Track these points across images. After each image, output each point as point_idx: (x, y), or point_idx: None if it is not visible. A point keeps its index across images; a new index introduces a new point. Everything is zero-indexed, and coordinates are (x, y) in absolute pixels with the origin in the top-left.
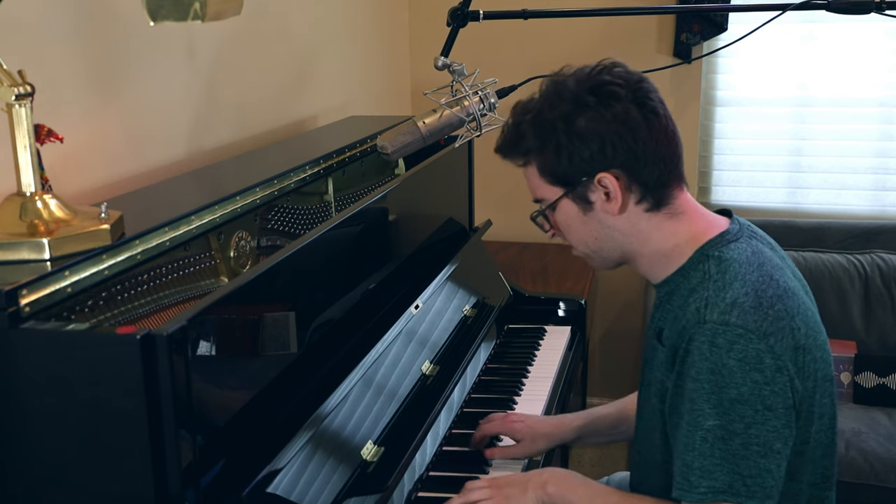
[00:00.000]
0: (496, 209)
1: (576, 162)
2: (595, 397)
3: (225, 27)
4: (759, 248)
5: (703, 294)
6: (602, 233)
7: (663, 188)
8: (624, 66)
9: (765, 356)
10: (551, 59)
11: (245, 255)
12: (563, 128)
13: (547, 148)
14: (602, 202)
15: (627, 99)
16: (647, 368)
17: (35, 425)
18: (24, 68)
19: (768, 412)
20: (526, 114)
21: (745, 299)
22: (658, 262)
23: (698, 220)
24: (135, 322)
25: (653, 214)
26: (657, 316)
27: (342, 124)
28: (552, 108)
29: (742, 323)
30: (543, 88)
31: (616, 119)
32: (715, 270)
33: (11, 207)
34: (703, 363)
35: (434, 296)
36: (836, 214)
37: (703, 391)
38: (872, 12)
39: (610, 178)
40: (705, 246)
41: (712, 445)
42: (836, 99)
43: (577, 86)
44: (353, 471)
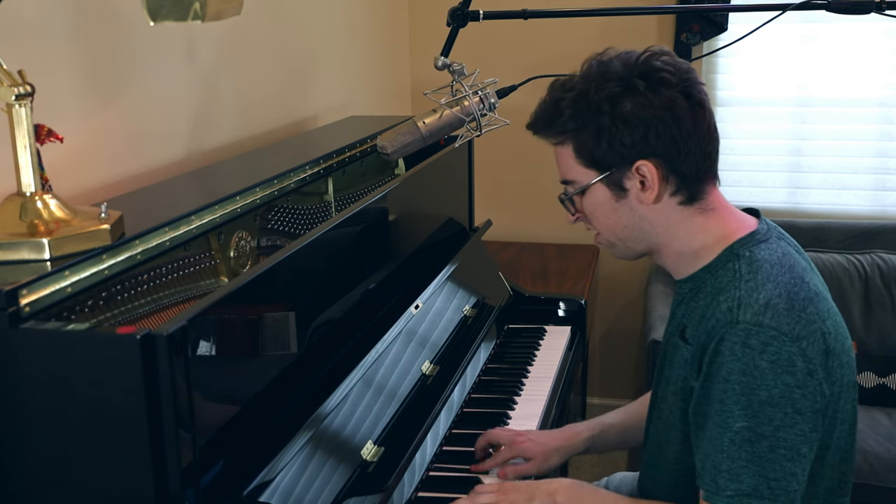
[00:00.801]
0: (496, 209)
1: (616, 146)
2: (595, 397)
3: (225, 27)
4: (787, 249)
5: (735, 293)
6: (632, 222)
7: (699, 182)
8: (672, 54)
9: (797, 359)
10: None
11: (245, 255)
12: (608, 109)
13: (587, 129)
14: (637, 190)
15: (677, 87)
16: (667, 366)
17: (35, 425)
18: (24, 68)
19: (797, 416)
20: (567, 91)
21: (778, 301)
22: (685, 257)
23: (729, 218)
24: (135, 322)
25: (685, 208)
26: (679, 313)
27: (342, 124)
28: (598, 89)
29: (775, 325)
30: (586, 68)
31: (664, 106)
32: (746, 270)
33: (11, 207)
34: (734, 364)
35: (434, 296)
36: (836, 214)
37: (734, 392)
38: (872, 12)
39: (649, 167)
40: (735, 245)
41: (740, 448)
42: (836, 99)
43: (625, 69)
44: (353, 471)
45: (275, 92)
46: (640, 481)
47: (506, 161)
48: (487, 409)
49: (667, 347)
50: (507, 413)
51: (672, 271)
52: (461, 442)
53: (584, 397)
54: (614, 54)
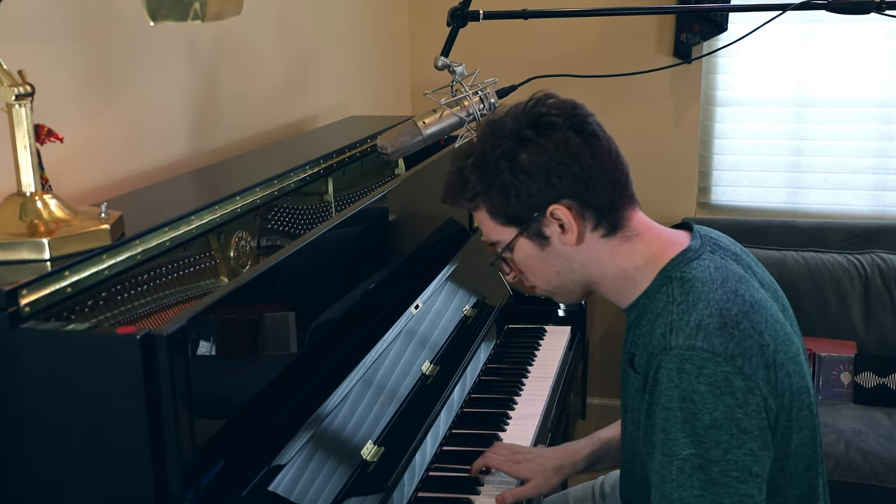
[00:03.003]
0: None
1: (524, 198)
2: (595, 397)
3: (225, 27)
4: (721, 262)
5: (668, 318)
6: (563, 266)
7: (616, 211)
8: (556, 96)
9: (734, 378)
10: (551, 59)
11: (245, 255)
12: (506, 165)
13: (493, 189)
14: (558, 235)
15: (565, 126)
16: (623, 394)
17: (35, 425)
18: (24, 68)
19: (744, 435)
20: (467, 158)
21: (709, 321)
22: (622, 286)
23: (656, 239)
24: (135, 322)
25: (610, 239)
26: (629, 341)
27: (342, 124)
28: (493, 149)
29: (708, 346)
30: (481, 131)
31: (557, 148)
32: (678, 293)
33: (11, 207)
34: (673, 391)
35: (434, 296)
36: (836, 214)
37: (676, 420)
38: (872, 12)
39: (562, 210)
40: (667, 267)
41: (690, 476)
42: (836, 99)
43: (514, 122)
44: (353, 471)
45: (275, 92)
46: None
47: None
48: (487, 409)
49: (622, 376)
50: (507, 413)
51: (615, 302)
52: (461, 442)
53: (584, 397)
54: (503, 112)
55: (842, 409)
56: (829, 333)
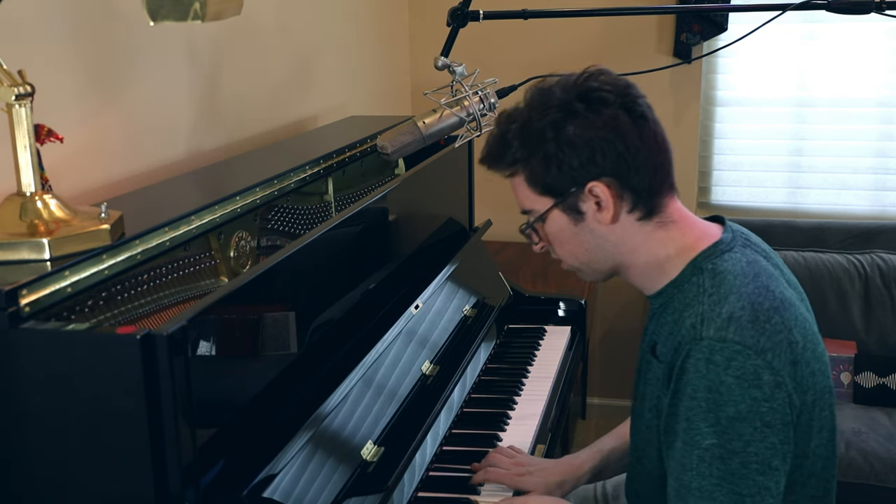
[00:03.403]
0: (496, 209)
1: (565, 171)
2: (595, 397)
3: (225, 27)
4: (753, 257)
5: (699, 309)
6: (594, 244)
7: (655, 196)
8: (610, 73)
9: (763, 372)
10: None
11: (245, 255)
12: (552, 135)
13: (535, 157)
14: (593, 212)
15: (616, 104)
16: (641, 382)
17: (35, 425)
18: (24, 68)
19: (767, 429)
20: (512, 123)
21: (741, 313)
22: (651, 273)
23: (691, 229)
24: (135, 322)
25: (644, 223)
26: (651, 329)
27: (342, 124)
28: (540, 117)
29: (739, 339)
30: (528, 97)
31: (606, 125)
32: (709, 284)
33: (11, 207)
34: (699, 381)
35: (434, 296)
36: (836, 214)
37: (700, 409)
38: (872, 12)
39: (601, 187)
40: (698, 258)
41: (710, 465)
42: (836, 99)
43: (565, 93)
44: (353, 471)
45: (275, 92)
46: (626, 492)
47: None
48: (487, 409)
49: (641, 364)
50: (507, 413)
51: (641, 288)
52: (461, 442)
53: (584, 397)
54: (554, 81)
55: (842, 409)
56: (829, 333)
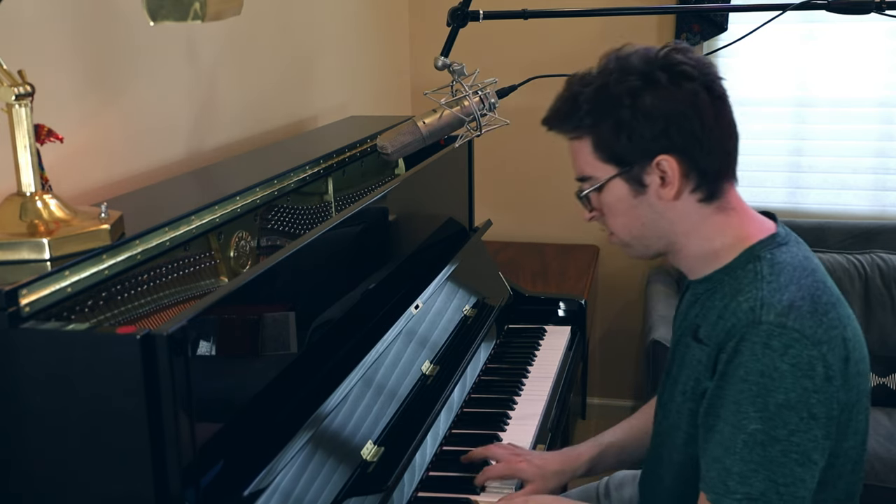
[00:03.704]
0: (496, 209)
1: (636, 141)
2: (595, 397)
3: (225, 27)
4: (808, 253)
5: (757, 294)
6: (650, 219)
7: (719, 180)
8: (692, 50)
9: (817, 363)
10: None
11: (245, 255)
12: (629, 103)
13: (606, 123)
14: (656, 186)
15: (699, 81)
16: (676, 366)
17: (35, 425)
18: (24, 68)
19: (812, 421)
20: (586, 85)
21: (801, 303)
22: (702, 257)
23: (748, 219)
24: (135, 322)
25: (704, 206)
26: (692, 313)
27: (342, 124)
28: (618, 82)
29: (799, 327)
30: (604, 63)
31: (685, 100)
32: (768, 271)
33: (11, 207)
34: (753, 364)
35: (434, 296)
36: (836, 214)
37: (750, 393)
38: (872, 12)
39: (670, 162)
40: (755, 246)
41: (751, 450)
42: (836, 99)
43: (645, 63)
44: (353, 471)
45: (275, 92)
46: (641, 479)
47: (506, 161)
48: (487, 409)
49: (677, 348)
50: (507, 413)
51: (687, 271)
52: (461, 442)
53: (584, 397)
54: (632, 50)
55: None
56: None
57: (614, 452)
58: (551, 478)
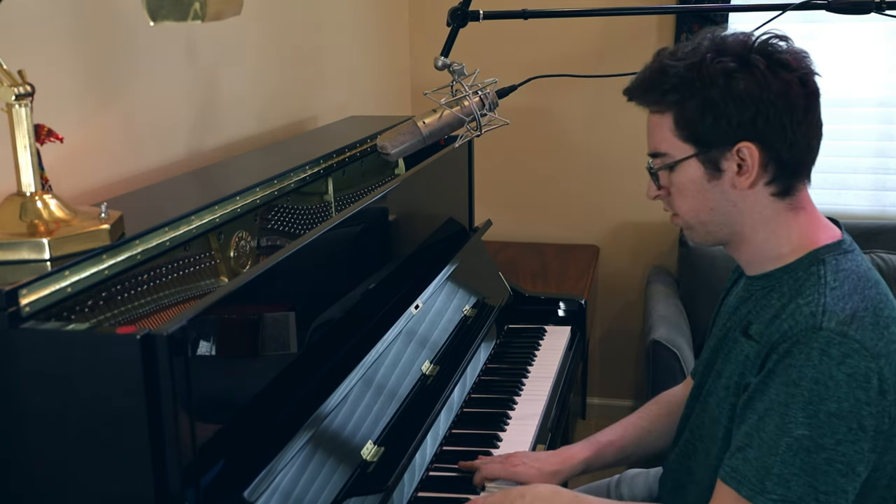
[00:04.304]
0: (496, 209)
1: (722, 124)
2: (595, 397)
3: (225, 27)
4: (871, 265)
5: (819, 300)
6: (720, 205)
7: (795, 176)
8: (790, 40)
9: (873, 376)
10: (551, 59)
11: (245, 255)
12: (722, 83)
13: (693, 100)
14: (733, 173)
15: (796, 73)
16: (721, 359)
17: (35, 425)
18: (24, 68)
19: (861, 432)
20: (678, 59)
21: (864, 314)
22: (766, 253)
23: (816, 221)
24: (135, 322)
25: (777, 201)
26: (745, 309)
27: (342, 124)
28: (713, 61)
29: (860, 338)
30: (698, 40)
31: (780, 90)
32: (832, 277)
33: (11, 207)
34: (807, 370)
35: (434, 296)
36: (836, 214)
37: (801, 398)
38: (872, 12)
39: (752, 150)
40: (821, 250)
41: (795, 455)
42: (836, 99)
43: (742, 46)
44: (353, 471)
45: (275, 92)
46: (664, 473)
47: (506, 161)
48: (487, 409)
49: (723, 342)
50: (507, 413)
51: (746, 265)
52: (461, 442)
53: (584, 397)
54: (728, 32)
55: None
56: None
57: (613, 451)
58: (548, 478)
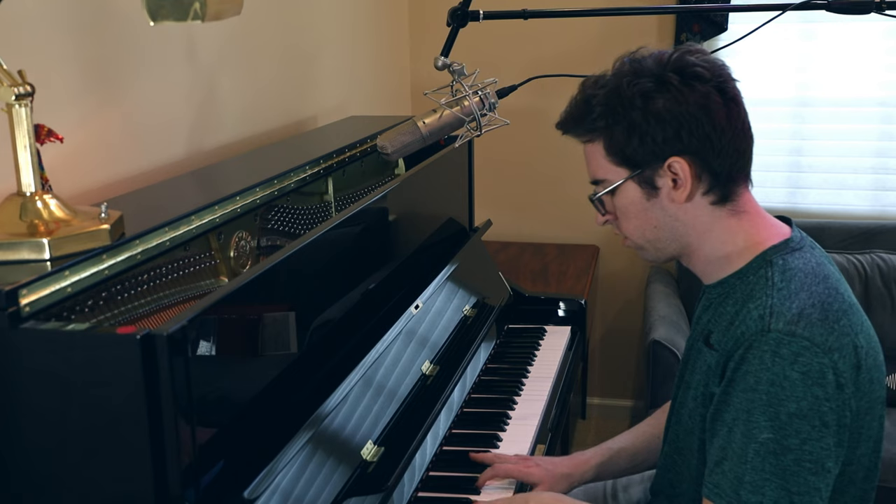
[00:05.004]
0: (496, 209)
1: (648, 143)
2: (595, 397)
3: (225, 27)
4: (821, 259)
5: (767, 301)
6: (663, 222)
7: (732, 182)
8: (705, 51)
9: (828, 371)
10: (551, 59)
11: (245, 255)
12: (640, 105)
13: (619, 126)
14: (669, 188)
15: (711, 83)
16: (689, 371)
17: (35, 425)
18: (24, 68)
19: (825, 429)
20: (599, 88)
21: (811, 311)
22: (715, 261)
23: (761, 222)
24: (135, 322)
25: (717, 208)
26: (706, 318)
27: (342, 124)
28: (631, 85)
29: (808, 335)
30: (618, 65)
31: (697, 103)
32: (779, 278)
33: (11, 207)
34: (763, 373)
35: (434, 296)
36: (836, 214)
37: (761, 402)
38: (872, 12)
39: (682, 164)
40: (768, 251)
41: (764, 459)
42: (836, 99)
43: (658, 65)
44: (353, 471)
45: (275, 92)
46: (654, 485)
47: (506, 161)
48: (487, 409)
49: (690, 352)
50: (507, 413)
51: (701, 275)
52: (461, 442)
53: (584, 397)
54: (647, 52)
55: None
56: None
57: (626, 457)
58: (560, 480)
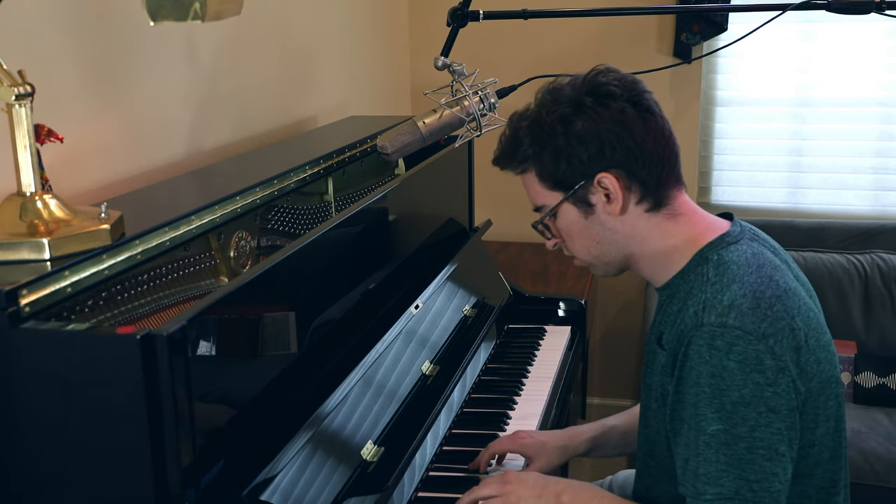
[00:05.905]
0: (496, 209)
1: (575, 164)
2: (595, 397)
3: (225, 27)
4: (759, 249)
5: (701, 297)
6: (603, 236)
7: (662, 188)
8: (617, 70)
9: (765, 357)
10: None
11: (245, 255)
12: (561, 130)
13: (545, 153)
14: (603, 204)
15: (623, 98)
16: (648, 373)
17: (35, 425)
18: (24, 68)
19: (772, 414)
20: (522, 121)
21: (742, 301)
22: (659, 264)
23: (697, 221)
24: (135, 322)
25: (652, 215)
26: (658, 320)
27: (342, 124)
28: (550, 113)
29: (740, 324)
30: (539, 96)
31: (613, 118)
32: (713, 273)
33: (11, 207)
34: (702, 367)
35: (434, 296)
36: (836, 214)
37: (705, 395)
38: (872, 12)
39: (610, 179)
40: (704, 248)
41: (716, 451)
42: (836, 99)
43: (573, 90)
44: (353, 471)
45: (274, 92)
46: (635, 489)
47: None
48: (487, 409)
49: (647, 355)
50: (507, 413)
51: (651, 280)
52: (461, 442)
53: (584, 397)
54: (564, 80)
55: None
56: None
57: (618, 435)
58: (553, 453)
